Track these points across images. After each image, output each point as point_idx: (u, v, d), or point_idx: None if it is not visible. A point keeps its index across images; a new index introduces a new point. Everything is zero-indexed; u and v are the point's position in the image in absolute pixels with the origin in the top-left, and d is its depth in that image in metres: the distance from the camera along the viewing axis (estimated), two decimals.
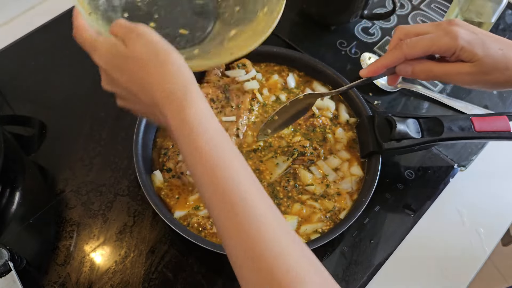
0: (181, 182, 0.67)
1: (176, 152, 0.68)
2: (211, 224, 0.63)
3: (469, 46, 0.54)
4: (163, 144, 0.71)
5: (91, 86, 0.81)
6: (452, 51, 0.55)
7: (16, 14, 0.91)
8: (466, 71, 0.55)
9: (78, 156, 0.73)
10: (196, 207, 0.65)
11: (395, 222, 0.69)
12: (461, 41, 0.54)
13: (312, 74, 0.78)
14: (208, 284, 0.62)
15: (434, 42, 0.55)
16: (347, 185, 0.68)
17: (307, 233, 0.64)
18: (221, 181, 0.42)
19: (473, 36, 0.54)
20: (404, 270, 0.65)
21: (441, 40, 0.55)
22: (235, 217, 0.40)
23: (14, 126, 0.77)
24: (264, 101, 0.75)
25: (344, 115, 0.74)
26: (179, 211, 0.65)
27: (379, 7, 0.93)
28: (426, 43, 0.55)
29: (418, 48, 0.56)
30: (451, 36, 0.54)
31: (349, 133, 0.72)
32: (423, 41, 0.56)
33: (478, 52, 0.54)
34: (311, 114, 0.74)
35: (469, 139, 0.66)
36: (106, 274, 0.63)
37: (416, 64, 0.58)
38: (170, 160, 0.68)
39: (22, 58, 0.85)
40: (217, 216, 0.42)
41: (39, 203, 0.69)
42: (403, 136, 0.65)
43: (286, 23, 0.91)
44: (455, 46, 0.54)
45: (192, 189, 0.67)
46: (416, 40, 0.56)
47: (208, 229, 0.63)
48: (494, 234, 0.69)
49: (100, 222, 0.67)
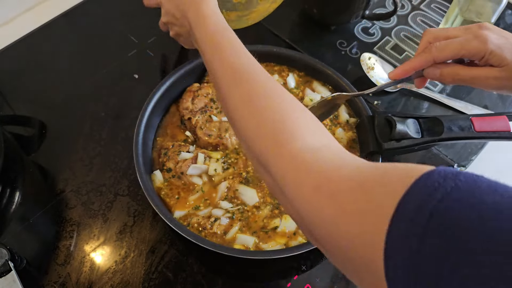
0: (181, 182, 0.67)
1: (176, 152, 0.68)
2: (211, 224, 0.63)
3: (499, 51, 0.53)
4: (163, 144, 0.71)
5: (91, 86, 0.81)
6: (481, 55, 0.54)
7: (16, 14, 0.91)
8: (494, 75, 0.55)
9: (78, 156, 0.73)
10: (196, 207, 0.65)
11: None
12: (491, 45, 0.53)
13: (312, 74, 0.78)
14: (208, 284, 0.62)
15: (463, 45, 0.54)
16: None
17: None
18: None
19: (503, 41, 0.54)
20: None
21: (471, 43, 0.54)
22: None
23: (14, 126, 0.77)
24: None
25: (344, 115, 0.74)
26: (179, 211, 0.65)
27: (379, 7, 0.93)
28: (456, 46, 0.55)
29: (447, 51, 0.56)
30: (480, 40, 0.54)
31: (349, 133, 0.72)
32: (452, 44, 0.55)
33: (507, 57, 0.53)
34: None
35: (469, 139, 0.66)
36: (106, 274, 0.63)
37: (444, 67, 0.57)
38: (170, 160, 0.68)
39: (22, 58, 0.85)
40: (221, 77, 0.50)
41: (39, 203, 0.69)
42: (403, 136, 0.65)
43: (286, 23, 0.91)
44: (484, 50, 0.54)
45: (192, 188, 0.67)
46: (445, 43, 0.56)
47: (208, 229, 0.63)
48: None
49: (100, 222, 0.67)
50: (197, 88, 0.75)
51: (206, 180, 0.67)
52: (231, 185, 0.66)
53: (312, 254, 0.62)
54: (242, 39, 0.54)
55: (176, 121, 0.74)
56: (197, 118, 0.71)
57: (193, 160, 0.68)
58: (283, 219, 0.64)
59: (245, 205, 0.65)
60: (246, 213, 0.65)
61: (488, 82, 0.56)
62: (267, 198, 0.66)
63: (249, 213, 0.65)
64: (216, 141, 0.70)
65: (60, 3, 0.92)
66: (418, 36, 0.90)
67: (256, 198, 0.65)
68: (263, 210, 0.65)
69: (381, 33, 0.90)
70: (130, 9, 0.92)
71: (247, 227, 0.64)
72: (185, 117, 0.72)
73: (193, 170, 0.67)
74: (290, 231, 0.63)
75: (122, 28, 0.89)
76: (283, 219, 0.64)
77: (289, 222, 0.64)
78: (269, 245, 0.62)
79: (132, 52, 0.86)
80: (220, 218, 0.63)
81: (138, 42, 0.87)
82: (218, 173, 0.67)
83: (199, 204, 0.65)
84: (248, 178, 0.67)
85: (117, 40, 0.87)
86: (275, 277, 0.63)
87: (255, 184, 0.67)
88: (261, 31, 0.86)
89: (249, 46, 0.80)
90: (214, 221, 0.63)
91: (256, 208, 0.65)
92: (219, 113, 0.72)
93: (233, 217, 0.64)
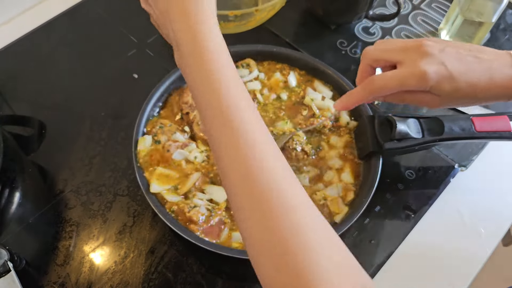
0: (161, 156, 0.67)
1: (171, 132, 0.69)
2: (189, 209, 0.62)
3: (437, 85, 0.54)
4: (161, 121, 0.71)
5: (91, 86, 0.81)
6: (422, 90, 0.55)
7: (16, 14, 0.91)
8: (437, 103, 0.56)
9: (77, 156, 0.73)
10: (175, 187, 0.65)
11: (396, 223, 0.68)
12: (430, 82, 0.54)
13: (313, 73, 0.78)
14: (208, 284, 0.62)
15: (403, 84, 0.55)
16: (333, 191, 0.67)
17: None
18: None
19: (442, 73, 0.54)
20: (404, 271, 0.65)
21: (410, 82, 0.54)
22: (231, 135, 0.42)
23: (14, 126, 0.77)
24: (265, 101, 0.75)
25: (344, 117, 0.74)
26: (156, 186, 0.64)
27: (379, 7, 0.93)
28: (395, 86, 0.55)
29: (387, 90, 0.56)
30: (419, 78, 0.54)
31: (345, 137, 0.72)
32: (392, 82, 0.55)
33: (446, 89, 0.54)
34: (312, 114, 0.73)
35: (469, 139, 0.66)
36: (106, 275, 0.63)
37: (388, 95, 0.58)
38: (163, 134, 0.68)
39: (22, 58, 0.85)
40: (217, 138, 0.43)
41: (39, 203, 0.69)
42: (403, 136, 0.65)
43: (287, 23, 0.91)
44: (423, 87, 0.54)
45: (171, 163, 0.67)
46: (384, 82, 0.56)
47: (186, 212, 0.62)
48: (495, 234, 0.69)
49: (100, 222, 0.67)
50: None
51: (185, 164, 0.67)
52: (200, 183, 0.66)
53: None
54: (242, 39, 0.54)
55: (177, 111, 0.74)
56: (195, 114, 0.71)
57: (183, 146, 0.67)
58: None
59: (217, 203, 0.65)
60: (224, 212, 0.64)
61: (431, 106, 0.57)
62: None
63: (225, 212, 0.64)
64: None
65: (60, 3, 0.91)
66: (419, 35, 0.90)
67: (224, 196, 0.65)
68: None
69: (381, 33, 0.90)
70: (130, 9, 0.91)
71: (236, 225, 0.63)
72: (184, 111, 0.72)
73: (179, 156, 0.67)
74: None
75: (122, 27, 0.89)
76: None
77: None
78: None
79: (131, 51, 0.85)
80: (200, 206, 0.63)
81: (138, 42, 0.87)
82: (194, 162, 0.67)
83: (174, 184, 0.65)
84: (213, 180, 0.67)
85: (116, 40, 0.87)
86: None
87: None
88: (261, 31, 0.86)
89: (249, 46, 0.81)
90: (193, 207, 0.62)
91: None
92: None
93: (211, 211, 0.63)
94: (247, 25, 0.80)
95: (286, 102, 0.75)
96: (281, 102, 0.75)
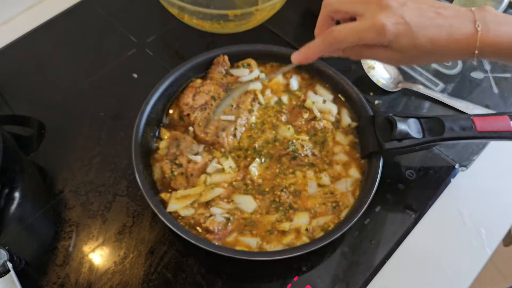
0: (185, 180, 0.67)
1: (188, 148, 0.68)
2: (204, 219, 0.62)
3: (396, 39, 0.53)
4: (175, 134, 0.70)
5: (90, 85, 0.81)
6: (380, 44, 0.55)
7: (16, 13, 0.91)
8: (397, 59, 0.56)
9: (77, 156, 0.73)
10: (193, 202, 0.64)
11: (396, 223, 0.68)
12: (389, 35, 0.53)
13: (316, 76, 0.78)
14: (208, 284, 0.62)
15: (361, 37, 0.54)
16: (342, 186, 0.67)
17: (319, 225, 0.64)
18: None
19: (401, 26, 0.53)
20: (405, 271, 0.65)
21: (368, 35, 0.53)
22: None
23: (13, 126, 0.77)
24: (266, 103, 0.75)
25: (346, 119, 0.73)
26: (174, 205, 0.64)
27: None
28: (354, 39, 0.54)
29: (346, 43, 0.56)
30: (377, 31, 0.53)
31: (350, 136, 0.72)
32: (351, 35, 0.54)
33: (405, 44, 0.53)
34: (313, 117, 0.73)
35: (470, 139, 0.66)
36: (105, 275, 0.62)
37: (346, 48, 0.58)
38: (183, 156, 0.67)
39: (22, 58, 0.85)
40: None
41: (38, 203, 0.69)
42: (404, 136, 0.65)
43: (287, 23, 0.91)
44: (382, 41, 0.54)
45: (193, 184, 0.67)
46: (344, 34, 0.55)
47: (202, 223, 0.62)
48: (495, 234, 0.69)
49: (99, 223, 0.67)
50: (199, 84, 0.74)
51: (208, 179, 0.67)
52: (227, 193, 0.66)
53: (312, 255, 0.61)
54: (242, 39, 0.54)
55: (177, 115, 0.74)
56: (196, 115, 0.71)
57: (204, 166, 0.67)
58: (295, 218, 0.64)
59: (241, 211, 0.65)
60: (244, 220, 0.64)
61: (389, 61, 0.57)
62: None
63: (247, 220, 0.64)
64: (213, 139, 0.69)
65: (60, 2, 0.91)
66: None
67: (254, 204, 0.65)
68: (270, 216, 0.65)
69: None
70: (129, 9, 0.91)
71: (249, 231, 0.64)
72: (184, 112, 0.72)
73: (212, 169, 0.67)
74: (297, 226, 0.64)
75: (122, 27, 0.89)
76: (295, 218, 0.64)
77: (297, 220, 0.64)
78: (272, 245, 0.62)
79: (131, 51, 0.85)
80: (215, 215, 0.63)
81: (138, 42, 0.87)
82: (230, 172, 0.67)
83: (193, 199, 0.65)
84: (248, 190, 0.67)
85: (116, 40, 0.87)
86: (275, 278, 0.63)
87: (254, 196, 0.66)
88: (261, 31, 0.86)
89: (249, 45, 0.81)
90: (209, 217, 0.62)
91: (260, 214, 0.65)
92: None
93: (230, 218, 0.63)
94: (247, 24, 0.80)
95: (287, 105, 0.75)
96: (281, 105, 0.75)
